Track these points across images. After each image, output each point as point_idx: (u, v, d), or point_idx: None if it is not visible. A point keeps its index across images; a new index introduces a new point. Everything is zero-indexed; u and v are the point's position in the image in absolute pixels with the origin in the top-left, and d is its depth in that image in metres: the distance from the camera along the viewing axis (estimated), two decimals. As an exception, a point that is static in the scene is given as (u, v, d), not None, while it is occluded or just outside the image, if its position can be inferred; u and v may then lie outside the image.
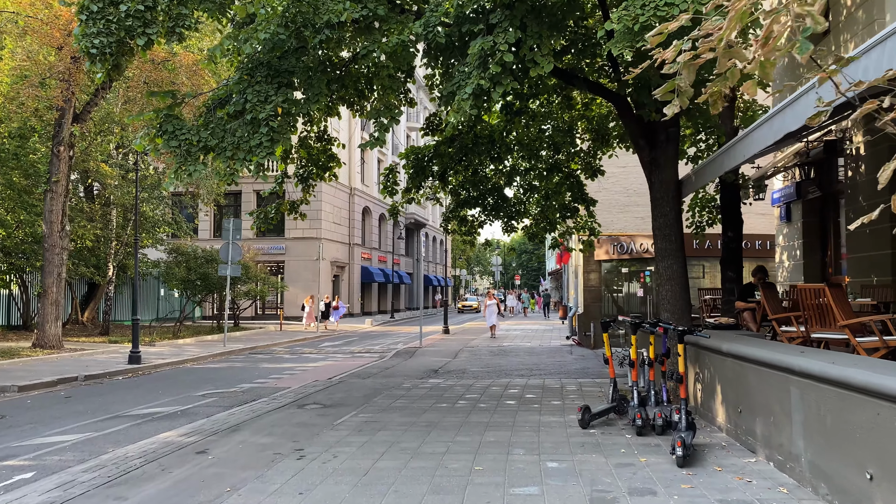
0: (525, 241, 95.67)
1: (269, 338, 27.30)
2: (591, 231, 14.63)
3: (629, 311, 21.03)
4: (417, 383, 13.24)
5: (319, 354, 21.36)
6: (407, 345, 23.93)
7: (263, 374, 16.40)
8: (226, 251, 23.00)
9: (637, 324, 8.78)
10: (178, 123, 8.91)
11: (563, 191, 12.73)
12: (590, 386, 12.43)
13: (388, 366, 17.55)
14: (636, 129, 10.08)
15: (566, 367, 16.61)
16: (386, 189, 12.75)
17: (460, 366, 17.20)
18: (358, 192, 43.83)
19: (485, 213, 15.49)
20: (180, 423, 9.97)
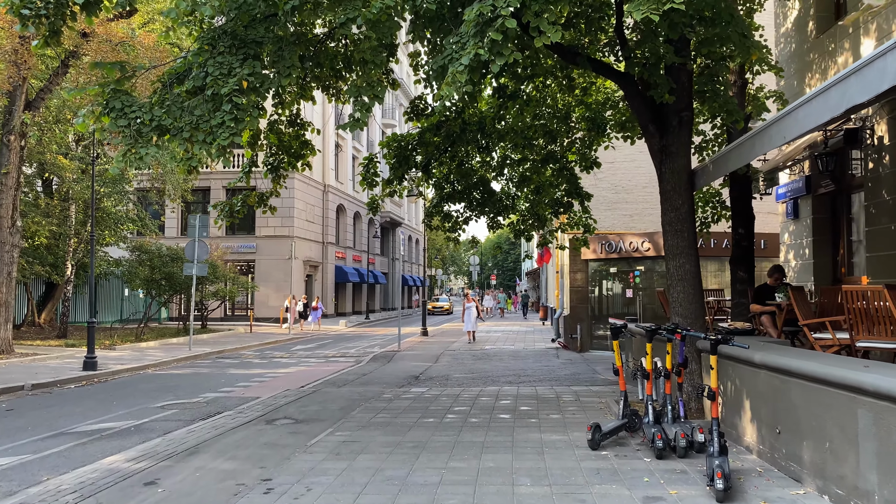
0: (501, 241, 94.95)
1: (239, 340, 25.98)
2: (586, 228, 13.65)
3: (614, 312, 20.13)
4: (399, 393, 12.14)
5: (291, 359, 20.15)
6: (384, 348, 22.79)
7: (230, 381, 15.18)
8: (191, 249, 21.69)
9: (653, 331, 7.77)
10: (128, 100, 7.73)
11: (560, 183, 11.70)
12: (587, 395, 11.43)
13: (365, 372, 16.42)
14: (645, 113, 9.10)
15: (555, 372, 15.62)
16: (365, 181, 11.63)
17: (443, 371, 16.12)
18: (332, 189, 42.54)
19: (470, 208, 14.46)
20: (132, 443, 8.78)
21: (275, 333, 30.33)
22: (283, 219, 37.11)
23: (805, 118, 5.88)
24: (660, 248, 18.28)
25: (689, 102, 8.98)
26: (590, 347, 20.21)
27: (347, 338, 28.81)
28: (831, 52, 11.31)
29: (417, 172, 12.61)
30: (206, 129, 7.47)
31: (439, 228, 14.89)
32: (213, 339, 26.68)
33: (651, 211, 20.10)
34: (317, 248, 40.80)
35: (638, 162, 20.57)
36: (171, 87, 8.18)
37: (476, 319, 24.91)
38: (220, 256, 29.09)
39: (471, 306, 24.58)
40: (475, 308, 24.75)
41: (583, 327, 20.16)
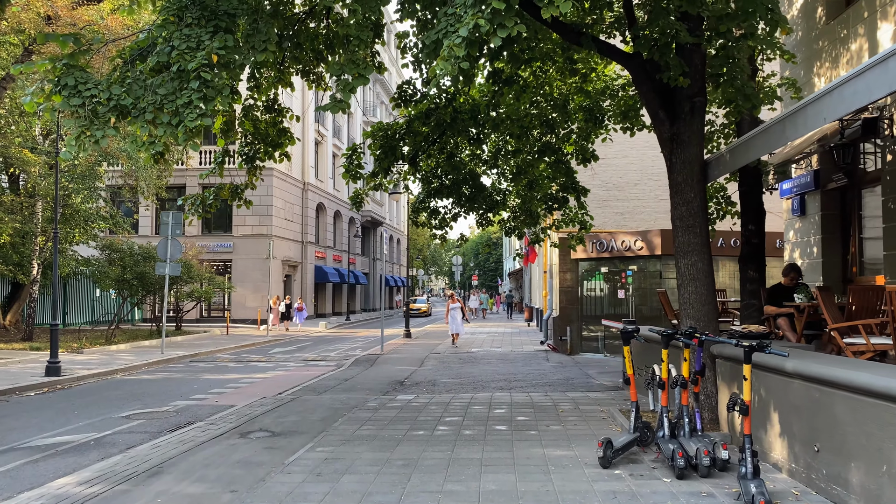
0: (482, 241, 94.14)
1: (214, 343, 25.00)
2: (582, 224, 12.92)
3: (606, 314, 19.47)
4: (384, 401, 11.33)
5: (269, 363, 19.25)
6: (367, 351, 21.95)
7: (203, 387, 14.27)
8: (164, 248, 20.71)
9: (669, 335, 7.05)
10: (83, 76, 6.86)
11: (558, 176, 10.95)
12: (585, 403, 10.69)
13: (347, 377, 15.58)
14: (655, 98, 8.39)
15: (547, 377, 14.90)
16: (348, 173, 10.80)
17: (429, 376, 15.33)
18: (312, 187, 41.56)
19: (459, 204, 13.69)
20: (89, 460, 7.91)
21: (252, 335, 29.36)
22: (261, 217, 36.12)
23: (853, 96, 5.17)
24: (654, 246, 17.64)
25: (702, 87, 8.28)
26: (580, 350, 19.52)
27: (328, 340, 27.92)
28: (843, 39, 10.68)
29: (404, 165, 11.82)
30: (171, 109, 6.63)
31: (426, 225, 14.10)
32: (187, 341, 25.67)
33: (643, 209, 19.48)
34: (296, 248, 39.82)
35: (630, 158, 19.94)
36: (133, 65, 7.33)
37: (462, 321, 23.54)
38: (195, 256, 28.06)
39: (456, 307, 23.18)
40: (460, 309, 23.40)
41: (573, 329, 19.47)
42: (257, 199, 36.08)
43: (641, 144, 19.72)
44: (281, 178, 37.25)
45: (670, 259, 18.09)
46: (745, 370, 5.56)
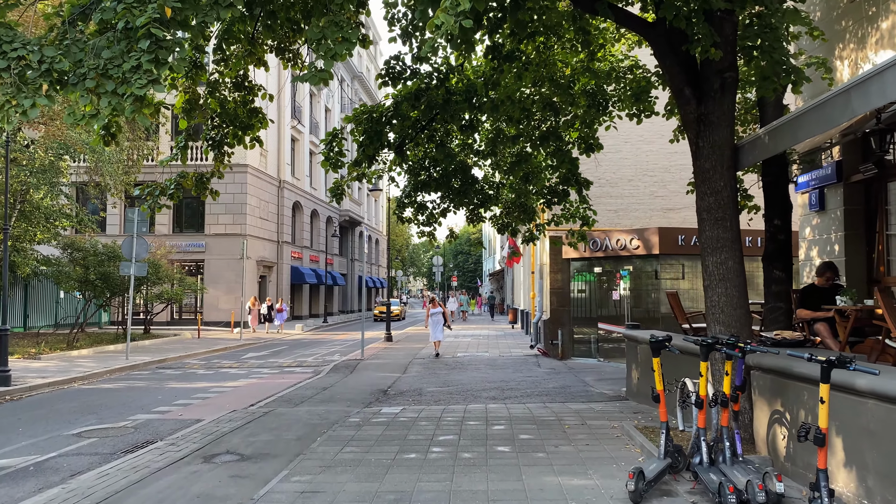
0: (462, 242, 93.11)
1: (184, 347, 23.67)
2: (584, 220, 11.88)
3: (600, 316, 18.50)
4: (368, 415, 10.20)
5: (241, 369, 18.01)
6: (346, 356, 20.77)
7: (168, 398, 13.05)
8: (129, 246, 19.38)
9: (710, 345, 6.02)
10: (8, 34, 5.69)
11: (562, 166, 9.89)
12: (592, 416, 9.66)
13: (325, 385, 14.43)
14: (680, 73, 7.38)
15: (542, 384, 13.86)
16: (328, 161, 9.67)
17: (414, 384, 14.23)
18: (288, 185, 40.22)
19: (448, 198, 12.63)
20: (23, 492, 6.72)
21: (225, 339, 28.03)
22: (235, 215, 34.75)
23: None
24: (651, 245, 16.70)
25: (734, 61, 7.29)
26: (571, 354, 18.53)
27: (304, 344, 26.68)
28: (871, 18, 9.75)
29: (389, 153, 10.71)
30: (116, 74, 5.48)
31: (412, 221, 13.01)
32: (155, 345, 24.30)
33: (637, 206, 18.54)
34: (271, 248, 38.47)
35: (623, 153, 19.00)
36: (74, 25, 6.17)
37: (443, 328, 20.68)
38: (164, 255, 26.66)
39: (437, 312, 20.31)
40: (442, 314, 20.55)
41: (564, 333, 18.48)
42: (230, 196, 34.80)
43: (636, 139, 18.81)
44: (255, 175, 35.91)
45: (669, 258, 17.21)
46: (821, 391, 4.52)
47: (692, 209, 18.38)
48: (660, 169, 18.86)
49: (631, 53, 11.01)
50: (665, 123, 19.17)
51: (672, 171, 18.85)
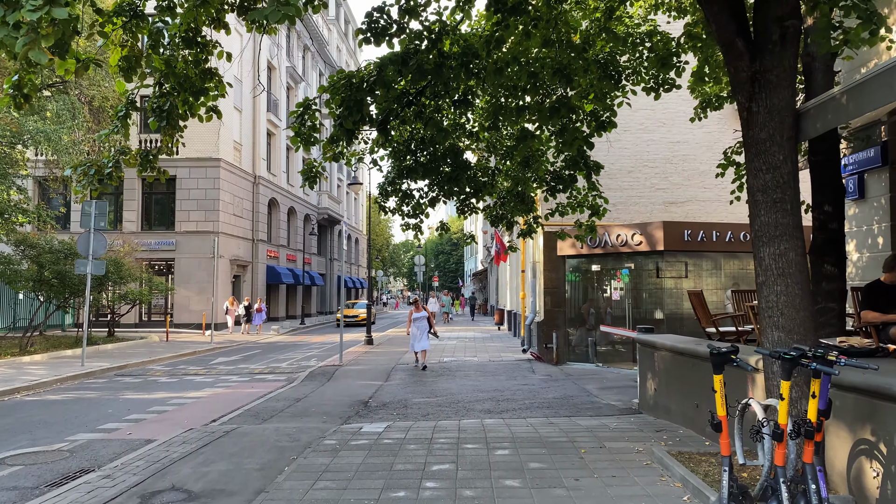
0: (442, 242, 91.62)
1: (150, 351, 22.00)
2: (594, 210, 10.49)
3: (597, 317, 17.19)
4: (346, 435, 8.74)
5: (208, 377, 16.44)
6: (323, 361, 19.25)
7: (120, 412, 11.50)
8: (85, 242, 17.75)
9: (795, 359, 4.62)
10: None
11: (571, 146, 8.46)
12: (608, 436, 8.28)
13: (299, 395, 12.94)
14: (730, 22, 6.02)
15: (541, 394, 12.48)
16: (299, 137, 8.18)
17: (398, 394, 12.79)
18: (263, 180, 38.52)
19: (437, 185, 11.20)
20: None
21: (195, 342, 26.35)
22: (207, 212, 33.05)
23: None
24: (655, 241, 15.40)
25: (797, 5, 5.93)
26: (567, 359, 17.18)
27: (279, 347, 25.08)
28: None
29: (371, 132, 9.26)
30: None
31: (396, 212, 11.57)
32: (119, 349, 22.60)
33: (637, 199, 17.23)
34: (246, 246, 36.78)
35: (623, 143, 17.67)
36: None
37: (428, 335, 17.05)
38: (128, 253, 24.95)
39: (421, 317, 16.90)
40: (427, 320, 17.09)
41: (559, 336, 17.12)
42: (202, 192, 33.12)
43: (636, 127, 17.53)
44: (229, 170, 34.22)
45: (674, 255, 15.90)
46: None
47: (696, 203, 17.09)
48: (661, 160, 17.57)
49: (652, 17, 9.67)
50: (667, 110, 17.97)
51: (674, 161, 17.59)
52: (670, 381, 9.14)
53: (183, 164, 33.13)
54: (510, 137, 10.75)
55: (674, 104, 17.77)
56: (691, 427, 8.33)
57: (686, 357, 8.44)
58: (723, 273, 16.43)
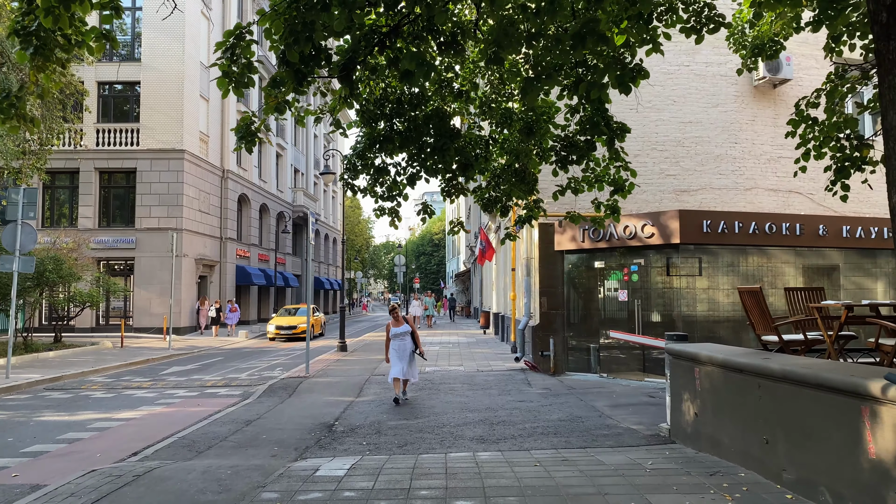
0: (424, 243, 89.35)
1: (97, 360, 19.62)
2: (617, 186, 8.36)
3: (602, 322, 15.10)
4: (294, 484, 6.51)
5: (152, 391, 14.15)
6: (289, 371, 17.00)
7: (21, 441, 9.24)
8: (11, 236, 15.36)
9: None
10: None
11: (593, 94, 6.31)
12: (648, 482, 6.15)
13: (250, 416, 10.71)
14: None
15: (542, 414, 10.34)
16: (229, 79, 5.96)
17: (372, 414, 10.59)
18: (233, 175, 36.07)
19: (417, 160, 9.05)
20: None
21: (152, 348, 23.95)
22: (170, 208, 30.63)
23: None
24: (670, 233, 13.34)
25: None
26: (566, 368, 15.07)
27: (244, 354, 22.73)
28: None
29: (332, 80, 7.10)
30: None
31: (368, 193, 9.39)
32: (61, 358, 20.18)
33: (646, 187, 15.18)
34: (213, 245, 34.32)
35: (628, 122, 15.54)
36: None
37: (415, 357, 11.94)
38: (73, 249, 22.48)
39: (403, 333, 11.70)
40: (412, 337, 11.77)
41: (557, 342, 15.00)
42: (164, 186, 30.66)
43: (643, 105, 15.42)
44: (193, 163, 31.79)
45: (691, 249, 13.86)
46: None
47: (711, 191, 14.99)
48: (672, 142, 15.53)
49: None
50: (678, 86, 15.88)
51: (686, 144, 15.56)
52: (720, 405, 7.04)
53: (143, 156, 30.74)
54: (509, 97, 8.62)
55: (685, 79, 15.78)
56: (758, 469, 6.23)
57: (750, 376, 6.33)
58: (740, 270, 14.40)
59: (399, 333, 11.76)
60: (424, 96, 8.66)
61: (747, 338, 14.20)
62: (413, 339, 11.84)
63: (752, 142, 15.78)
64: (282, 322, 29.60)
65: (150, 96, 30.91)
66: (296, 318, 29.86)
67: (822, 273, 14.69)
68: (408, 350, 11.75)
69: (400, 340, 11.70)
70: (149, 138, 30.97)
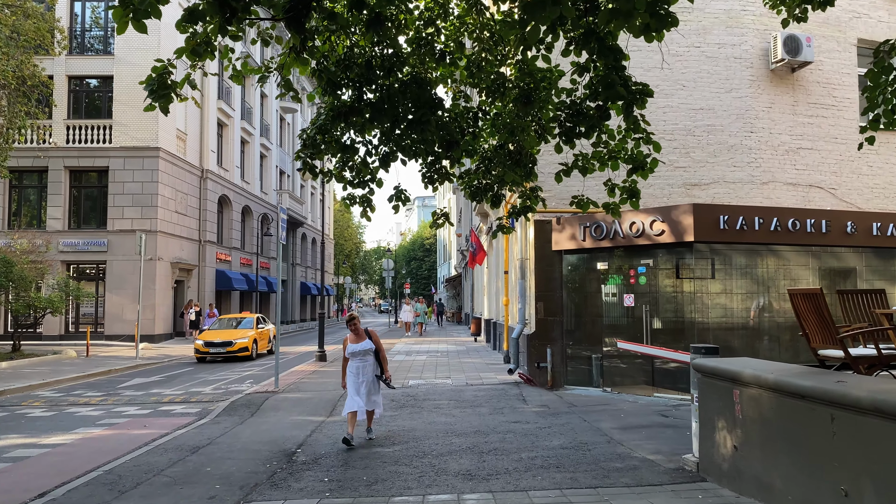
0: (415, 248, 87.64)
1: (54, 371, 17.97)
2: (638, 164, 6.86)
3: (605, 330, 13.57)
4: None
5: (98, 408, 12.54)
6: (259, 384, 15.41)
7: None
8: (-55, 234, 13.70)
9: None
10: None
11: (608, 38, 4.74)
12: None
13: (199, 441, 9.14)
14: None
15: (541, 440, 8.81)
16: (125, 6, 4.44)
17: (340, 441, 9.00)
18: (213, 175, 34.40)
19: (391, 137, 7.55)
20: None
21: (120, 358, 22.28)
22: (144, 208, 28.97)
23: None
24: (682, 230, 11.88)
25: None
26: (565, 381, 13.55)
27: (212, 366, 21.01)
28: None
29: (277, 24, 5.59)
30: None
31: (333, 176, 7.86)
32: (13, 369, 18.51)
33: (653, 179, 13.61)
34: (191, 248, 32.65)
35: (633, 109, 14.07)
36: None
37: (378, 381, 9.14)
38: (29, 251, 20.82)
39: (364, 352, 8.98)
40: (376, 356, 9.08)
41: (555, 352, 13.48)
42: (138, 186, 28.97)
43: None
44: (170, 161, 30.16)
45: (707, 248, 12.38)
46: None
47: (724, 185, 13.39)
48: (681, 131, 14.05)
49: None
50: (688, 69, 14.27)
51: (697, 133, 14.09)
52: (772, 438, 5.52)
53: (116, 154, 29.09)
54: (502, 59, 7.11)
55: (696, 62, 14.32)
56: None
57: (820, 405, 4.81)
58: (757, 272, 12.93)
59: (359, 352, 8.95)
60: (400, 58, 7.14)
61: (763, 347, 12.72)
62: (378, 359, 9.10)
63: (770, 131, 14.33)
64: (213, 337, 22.02)
65: (124, 92, 29.25)
66: (235, 332, 22.72)
67: (843, 275, 13.25)
68: (370, 373, 9.00)
69: (360, 361, 8.98)
70: (122, 135, 29.33)
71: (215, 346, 21.53)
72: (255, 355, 22.25)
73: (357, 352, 8.97)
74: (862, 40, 14.93)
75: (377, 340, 9.18)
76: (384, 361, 9.18)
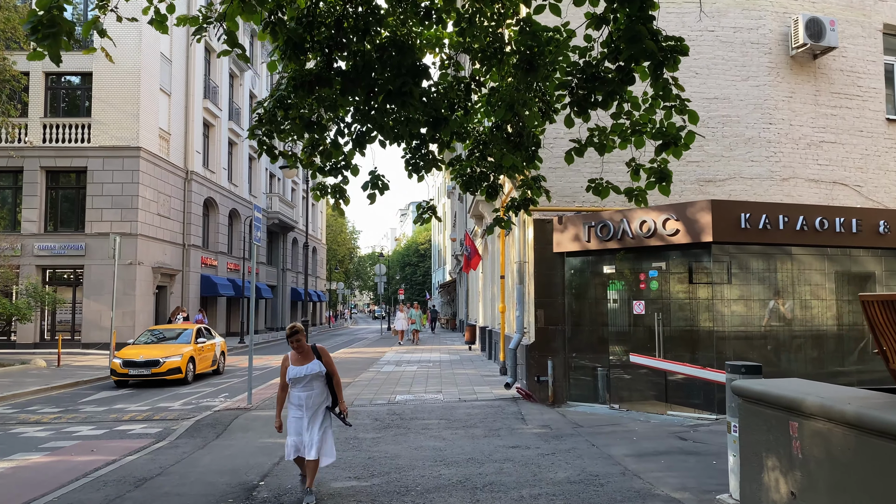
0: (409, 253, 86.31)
1: (14, 383, 16.66)
2: (669, 140, 5.65)
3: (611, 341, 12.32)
4: None
5: (49, 428, 11.24)
6: (233, 399, 14.11)
7: None
8: None
9: None
10: None
11: None
12: None
13: (148, 472, 7.87)
14: None
15: (543, 472, 7.55)
16: None
17: (310, 472, 7.74)
18: (197, 177, 33.09)
19: (366, 115, 6.33)
20: None
21: (92, 367, 20.96)
22: (123, 211, 27.67)
23: None
24: (699, 229, 10.67)
25: None
26: (567, 396, 12.30)
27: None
28: None
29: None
30: None
31: (298, 162, 6.62)
32: (-27, 381, 17.18)
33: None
34: (174, 252, 31.33)
35: (642, 98, 12.86)
36: None
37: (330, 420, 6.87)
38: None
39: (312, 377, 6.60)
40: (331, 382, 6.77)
41: (557, 364, 12.23)
42: (118, 187, 27.69)
43: (659, 77, 12.70)
44: (151, 162, 28.87)
45: (727, 250, 11.17)
46: None
47: (741, 181, 11.84)
48: (692, 121, 12.80)
49: None
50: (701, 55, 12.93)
51: (711, 125, 12.90)
52: (846, 488, 4.28)
53: (95, 154, 27.79)
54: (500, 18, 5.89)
55: (709, 47, 13.15)
56: None
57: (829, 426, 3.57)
58: (777, 276, 11.71)
59: (301, 377, 6.57)
60: (376, 16, 5.91)
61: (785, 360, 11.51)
62: (330, 385, 6.77)
63: (790, 123, 13.15)
64: (136, 354, 16.97)
65: (104, 89, 28.01)
66: (165, 348, 17.61)
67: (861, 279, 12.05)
68: (318, 405, 6.68)
69: (303, 389, 6.62)
70: (101, 135, 28.05)
71: (137, 367, 16.55)
72: (190, 378, 17.25)
73: (300, 378, 6.57)
74: (888, 25, 13.78)
75: (329, 361, 6.76)
76: (338, 389, 6.79)
